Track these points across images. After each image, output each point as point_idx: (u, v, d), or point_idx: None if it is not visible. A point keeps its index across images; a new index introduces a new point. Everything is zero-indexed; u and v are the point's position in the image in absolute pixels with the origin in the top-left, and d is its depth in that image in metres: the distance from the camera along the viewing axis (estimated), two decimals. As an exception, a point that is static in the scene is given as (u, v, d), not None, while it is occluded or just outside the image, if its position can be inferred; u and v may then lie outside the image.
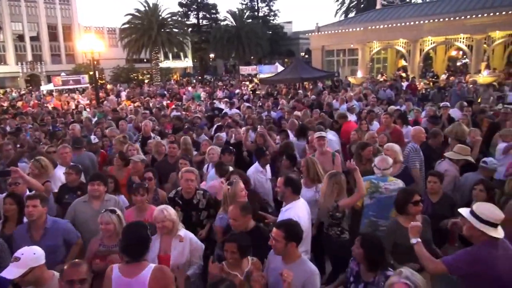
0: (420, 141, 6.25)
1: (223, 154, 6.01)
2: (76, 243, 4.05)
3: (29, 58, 45.54)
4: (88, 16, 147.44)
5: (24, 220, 4.05)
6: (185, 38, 42.61)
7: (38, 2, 45.77)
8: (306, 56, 47.44)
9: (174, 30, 41.25)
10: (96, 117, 11.99)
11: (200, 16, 55.62)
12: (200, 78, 43.97)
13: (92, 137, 7.84)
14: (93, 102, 19.32)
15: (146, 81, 40.52)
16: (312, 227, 4.47)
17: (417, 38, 25.37)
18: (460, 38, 24.03)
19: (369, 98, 12.70)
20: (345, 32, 28.49)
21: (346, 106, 11.04)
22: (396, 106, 11.16)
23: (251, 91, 23.08)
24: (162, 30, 38.99)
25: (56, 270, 3.09)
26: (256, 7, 56.99)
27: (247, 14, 52.60)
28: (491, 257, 2.89)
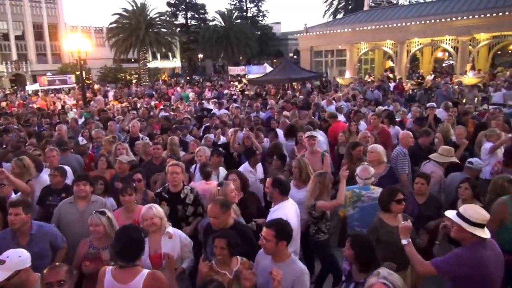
0: (407, 145, 6.27)
1: (212, 156, 5.93)
2: (62, 248, 3.98)
3: (14, 57, 44.83)
4: (75, 15, 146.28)
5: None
6: (173, 38, 42.33)
7: (23, 0, 45.03)
8: (295, 56, 47.57)
9: (162, 30, 41.00)
10: (83, 118, 11.84)
11: (188, 16, 55.44)
12: (188, 78, 43.72)
13: (80, 139, 7.73)
14: (80, 102, 19.07)
15: (134, 81, 40.18)
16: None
17: (404, 40, 25.67)
18: (446, 40, 24.39)
19: (357, 99, 12.80)
20: (333, 33, 28.66)
21: (334, 107, 11.10)
22: (383, 106, 11.27)
23: (240, 92, 23.05)
24: (150, 30, 38.71)
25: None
26: (244, 8, 57.06)
27: (235, 14, 52.59)
28: (480, 258, 2.93)
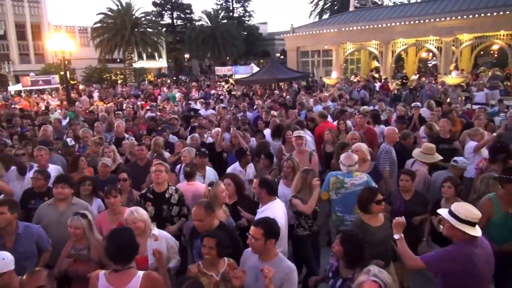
0: (393, 141, 6.36)
1: (196, 157, 5.89)
2: (47, 251, 3.94)
3: (-4, 57, 43.94)
4: (58, 14, 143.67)
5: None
6: (159, 38, 41.96)
7: (5, -1, 44.23)
8: (282, 57, 47.63)
9: (148, 30, 40.50)
10: (68, 117, 11.67)
11: (174, 16, 55.00)
12: (175, 78, 43.43)
13: (68, 140, 7.62)
14: (64, 103, 18.79)
15: (119, 81, 39.73)
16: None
17: (389, 40, 25.96)
18: (430, 40, 24.75)
19: (342, 99, 12.88)
20: (319, 34, 28.83)
21: (321, 107, 11.15)
22: (369, 106, 11.37)
23: (227, 92, 23.01)
24: (136, 30, 38.24)
25: None
26: (231, 8, 56.86)
27: (222, 14, 52.33)
28: (470, 255, 2.97)
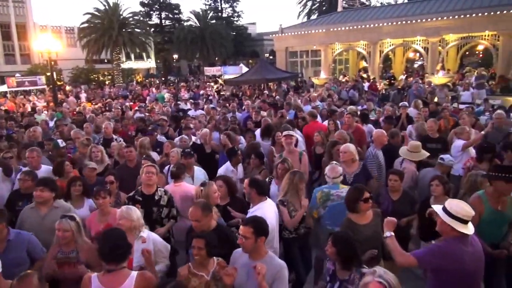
0: (381, 144, 6.37)
1: (182, 158, 5.88)
2: (41, 259, 3.81)
3: (-20, 58, 43.12)
4: (44, 14, 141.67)
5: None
6: (147, 38, 41.62)
7: (-11, -1, 43.40)
8: (271, 57, 47.74)
9: (136, 30, 40.21)
10: (55, 118, 11.53)
11: (162, 16, 54.75)
12: (163, 79, 43.17)
13: (59, 141, 7.53)
14: (51, 104, 18.55)
15: (107, 82, 39.34)
16: None
17: (377, 40, 26.16)
18: (417, 41, 25.02)
19: (330, 99, 12.96)
20: (308, 34, 28.94)
21: (310, 107, 11.19)
22: (358, 106, 11.46)
23: (216, 92, 22.97)
24: (124, 30, 37.92)
25: None
26: (219, 8, 56.81)
27: (210, 14, 52.25)
28: (460, 252, 2.99)
